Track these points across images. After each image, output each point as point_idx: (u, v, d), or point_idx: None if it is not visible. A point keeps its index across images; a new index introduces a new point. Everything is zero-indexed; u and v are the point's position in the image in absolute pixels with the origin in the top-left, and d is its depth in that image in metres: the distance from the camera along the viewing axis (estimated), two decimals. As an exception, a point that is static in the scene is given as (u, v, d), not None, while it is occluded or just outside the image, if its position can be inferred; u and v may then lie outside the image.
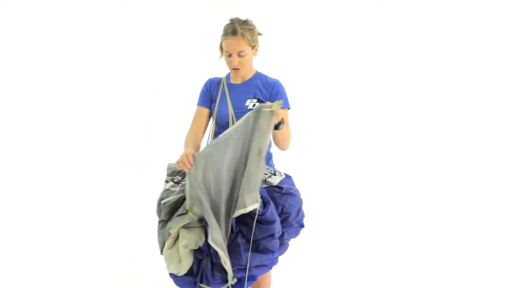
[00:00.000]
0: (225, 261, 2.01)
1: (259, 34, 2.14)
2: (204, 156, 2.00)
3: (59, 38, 4.42)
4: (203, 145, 2.15)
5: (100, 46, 4.46)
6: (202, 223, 2.09)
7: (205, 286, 2.07)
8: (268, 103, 1.97)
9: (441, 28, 4.50)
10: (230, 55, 2.07)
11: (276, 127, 2.00)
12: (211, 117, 2.23)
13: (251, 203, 2.02)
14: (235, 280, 2.05)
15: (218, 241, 1.99)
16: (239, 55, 2.06)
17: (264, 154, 2.00)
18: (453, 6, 4.47)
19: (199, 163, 1.99)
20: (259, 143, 1.99)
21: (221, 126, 2.16)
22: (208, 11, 4.47)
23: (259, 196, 2.04)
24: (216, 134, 2.19)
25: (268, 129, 1.98)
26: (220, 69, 2.36)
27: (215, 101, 2.19)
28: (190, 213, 2.04)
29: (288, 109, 2.18)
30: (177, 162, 1.97)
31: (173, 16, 4.53)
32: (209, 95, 2.22)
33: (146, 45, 4.50)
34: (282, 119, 2.00)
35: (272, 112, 1.95)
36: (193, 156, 1.96)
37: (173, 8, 4.54)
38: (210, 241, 1.98)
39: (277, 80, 2.19)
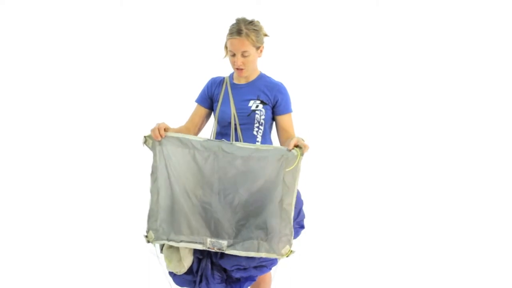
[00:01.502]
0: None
1: (265, 35, 2.12)
2: (180, 141, 1.99)
3: (60, 38, 4.43)
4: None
5: (100, 46, 4.45)
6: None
7: None
8: (293, 151, 1.92)
9: (442, 30, 4.51)
10: (234, 55, 2.06)
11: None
12: (214, 117, 2.22)
13: (265, 251, 2.00)
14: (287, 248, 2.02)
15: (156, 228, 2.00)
16: (243, 55, 2.05)
17: (286, 205, 1.96)
18: (453, 8, 4.49)
19: (170, 141, 1.99)
20: (281, 193, 1.95)
21: (223, 126, 2.16)
22: (210, 11, 4.47)
23: (282, 248, 1.98)
24: (218, 133, 2.19)
25: (294, 184, 1.95)
26: (221, 69, 2.36)
27: (218, 101, 2.18)
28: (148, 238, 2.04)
29: (291, 112, 2.18)
30: (151, 130, 1.99)
31: (173, 15, 4.52)
32: (209, 95, 2.22)
33: (147, 45, 4.49)
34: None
35: (298, 164, 1.91)
36: (166, 131, 1.99)
37: (173, 8, 4.54)
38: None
39: (281, 83, 2.18)
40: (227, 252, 2.01)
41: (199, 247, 2.01)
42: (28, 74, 4.42)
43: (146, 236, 2.03)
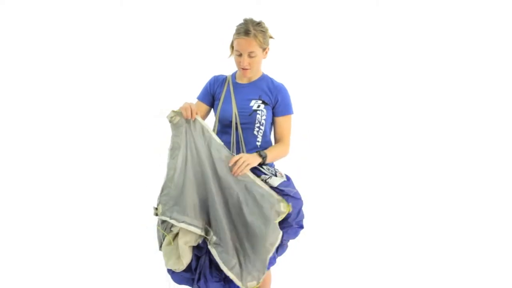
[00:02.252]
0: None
1: (271, 37, 2.13)
2: (203, 127, 2.03)
3: (61, 38, 4.41)
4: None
5: (101, 46, 4.44)
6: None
7: None
8: (286, 207, 2.05)
9: (442, 30, 4.52)
10: (240, 55, 2.06)
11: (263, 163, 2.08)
12: (214, 115, 2.22)
13: (236, 275, 2.06)
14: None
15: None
16: (250, 56, 2.06)
17: (269, 244, 2.05)
18: (453, 8, 4.50)
19: (196, 126, 2.02)
20: (270, 233, 2.05)
21: (224, 125, 2.16)
22: (210, 11, 4.46)
23: (250, 281, 2.06)
24: (218, 132, 2.18)
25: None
26: (221, 68, 2.36)
27: (219, 99, 2.18)
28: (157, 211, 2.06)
29: (290, 114, 2.19)
30: (182, 107, 1.99)
31: (173, 15, 4.51)
32: (211, 93, 2.22)
33: (148, 45, 4.47)
34: (263, 157, 2.06)
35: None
36: (197, 113, 2.01)
37: (173, 8, 4.54)
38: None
39: (283, 85, 2.19)
40: (209, 247, 2.06)
41: (198, 231, 2.05)
42: (28, 74, 4.40)
43: (156, 209, 2.05)
